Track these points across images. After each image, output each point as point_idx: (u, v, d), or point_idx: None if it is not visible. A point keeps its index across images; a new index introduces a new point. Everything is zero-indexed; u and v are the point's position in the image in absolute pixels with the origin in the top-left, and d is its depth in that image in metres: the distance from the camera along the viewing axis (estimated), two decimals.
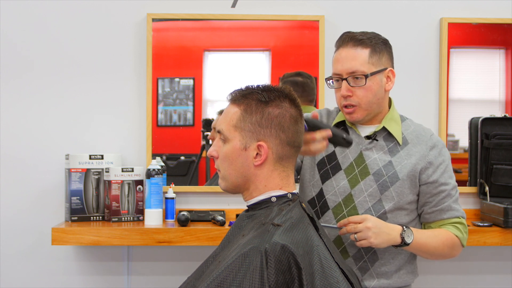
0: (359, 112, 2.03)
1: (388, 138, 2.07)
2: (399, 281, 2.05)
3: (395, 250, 2.04)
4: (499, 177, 2.88)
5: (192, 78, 3.05)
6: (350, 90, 2.00)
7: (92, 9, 2.91)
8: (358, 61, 1.98)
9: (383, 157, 2.04)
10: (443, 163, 2.06)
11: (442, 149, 2.07)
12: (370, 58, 1.99)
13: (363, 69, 1.98)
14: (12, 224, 2.90)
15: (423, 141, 2.06)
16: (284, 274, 1.50)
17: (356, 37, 2.01)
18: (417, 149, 2.05)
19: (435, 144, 2.06)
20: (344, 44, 2.02)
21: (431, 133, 2.10)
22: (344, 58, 2.00)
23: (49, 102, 2.91)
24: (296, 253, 1.51)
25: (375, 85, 2.00)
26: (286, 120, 1.67)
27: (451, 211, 2.06)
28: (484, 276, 3.00)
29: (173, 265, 2.95)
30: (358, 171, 2.04)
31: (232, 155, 1.67)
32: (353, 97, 2.00)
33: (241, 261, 1.51)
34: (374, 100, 2.02)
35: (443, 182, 2.05)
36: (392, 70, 2.05)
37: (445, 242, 2.02)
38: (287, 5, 2.95)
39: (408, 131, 2.09)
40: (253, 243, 1.53)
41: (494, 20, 2.97)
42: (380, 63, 2.01)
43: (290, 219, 1.62)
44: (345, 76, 2.00)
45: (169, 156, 2.99)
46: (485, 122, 2.91)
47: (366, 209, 2.01)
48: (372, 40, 2.01)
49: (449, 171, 2.07)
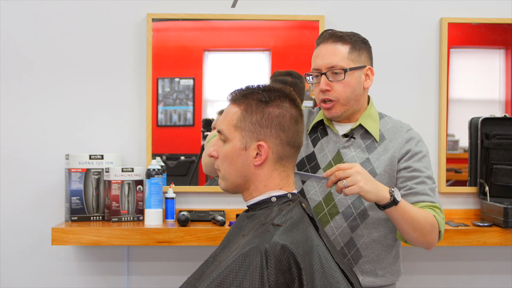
0: (337, 107, 2.04)
1: (366, 135, 2.08)
2: (384, 279, 2.05)
3: (378, 247, 2.03)
4: (499, 177, 2.88)
5: (192, 78, 3.05)
6: (329, 85, 2.02)
7: (92, 9, 2.91)
8: (338, 56, 2.01)
9: (360, 154, 2.05)
10: (419, 153, 2.04)
11: (419, 142, 2.06)
12: (349, 54, 2.02)
13: (342, 64, 2.01)
14: (12, 224, 2.90)
15: (400, 135, 2.07)
16: (284, 274, 1.50)
17: (336, 34, 2.05)
18: (393, 144, 2.05)
19: (411, 137, 2.06)
20: (325, 41, 2.05)
21: (408, 128, 2.10)
22: (324, 53, 2.03)
23: (49, 102, 2.91)
24: (296, 253, 1.51)
25: (353, 81, 2.02)
26: (286, 120, 1.67)
27: (426, 195, 1.99)
28: (484, 276, 3.00)
29: (173, 265, 2.95)
30: None
31: (232, 155, 1.67)
32: (331, 92, 2.02)
33: (241, 261, 1.50)
34: (352, 96, 2.03)
35: (417, 169, 2.02)
36: (371, 69, 2.07)
37: (427, 218, 1.93)
38: (287, 5, 2.95)
39: (386, 127, 2.10)
40: (253, 243, 1.53)
41: (494, 20, 2.97)
42: (359, 60, 2.04)
43: (290, 219, 1.62)
44: (324, 70, 2.02)
45: (169, 156, 2.99)
46: (485, 122, 2.91)
47: (346, 206, 2.02)
48: (352, 38, 2.05)
49: (425, 162, 2.04)
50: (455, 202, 2.98)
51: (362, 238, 2.02)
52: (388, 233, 2.06)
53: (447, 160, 2.95)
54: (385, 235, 2.05)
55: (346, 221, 2.01)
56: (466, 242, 2.66)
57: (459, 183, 3.00)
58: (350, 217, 2.01)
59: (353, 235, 2.02)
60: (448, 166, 2.97)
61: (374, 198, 1.82)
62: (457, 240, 2.65)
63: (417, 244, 1.97)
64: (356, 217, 2.01)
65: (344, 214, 2.02)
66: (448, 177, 2.97)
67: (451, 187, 2.98)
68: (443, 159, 2.94)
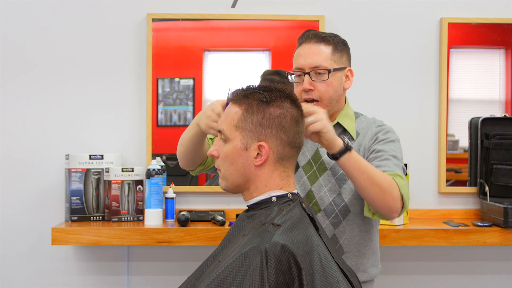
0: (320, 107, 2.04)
1: (343, 133, 2.09)
2: (365, 275, 2.07)
3: (360, 242, 2.05)
4: (499, 177, 2.88)
5: (192, 78, 3.05)
6: (312, 84, 2.03)
7: (92, 9, 2.91)
8: (321, 56, 2.03)
9: None
10: (386, 139, 2.04)
11: (388, 132, 2.07)
12: (332, 55, 2.04)
13: (325, 64, 2.02)
14: (12, 224, 2.90)
15: (370, 130, 2.09)
16: (284, 274, 1.50)
17: (319, 34, 2.06)
18: (365, 139, 2.08)
19: (380, 129, 2.08)
20: (308, 40, 2.06)
21: (380, 124, 2.12)
22: (307, 53, 2.04)
23: (49, 102, 2.91)
24: (296, 253, 1.51)
25: (335, 82, 2.04)
26: (287, 121, 1.67)
27: (387, 167, 1.94)
28: (484, 276, 3.00)
29: (173, 265, 2.95)
30: (316, 168, 2.08)
31: (232, 155, 1.67)
32: (314, 92, 2.03)
33: (241, 261, 1.50)
34: (334, 96, 2.05)
35: (381, 150, 2.00)
36: (351, 70, 2.10)
37: (384, 176, 1.86)
38: (287, 5, 2.95)
39: (361, 126, 2.12)
40: (253, 243, 1.53)
41: (494, 20, 2.97)
42: (341, 61, 2.06)
43: (290, 219, 1.62)
44: (308, 70, 2.03)
45: (169, 156, 2.99)
46: (485, 122, 2.91)
47: (327, 204, 2.04)
48: (334, 39, 2.07)
49: (391, 145, 2.01)
50: (455, 202, 2.98)
51: (344, 234, 2.04)
52: (369, 228, 2.08)
53: (447, 160, 2.95)
54: (366, 230, 2.07)
55: (328, 218, 2.04)
56: (466, 242, 2.66)
57: (459, 183, 3.00)
58: (331, 214, 2.04)
59: (336, 232, 2.04)
60: (448, 166, 2.97)
61: (330, 138, 1.81)
62: (457, 240, 2.65)
63: (378, 207, 1.88)
64: (338, 213, 2.04)
65: (326, 211, 2.04)
66: (448, 177, 2.97)
67: (451, 187, 2.98)
68: (443, 159, 2.94)
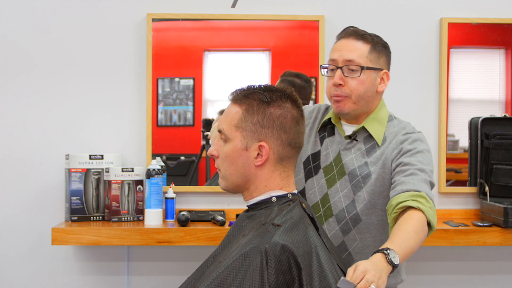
0: (348, 103, 2.00)
1: (369, 138, 2.04)
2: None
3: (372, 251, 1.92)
4: (499, 177, 2.88)
5: (192, 78, 3.05)
6: (343, 80, 1.99)
7: (92, 9, 2.90)
8: (357, 52, 1.99)
9: (359, 157, 2.02)
10: (413, 150, 1.95)
11: (415, 141, 1.98)
12: (369, 53, 2.00)
13: (360, 61, 1.98)
14: (12, 224, 2.90)
15: (397, 138, 2.01)
16: (284, 274, 1.50)
17: (358, 32, 2.03)
18: (390, 147, 2.00)
19: (407, 138, 1.99)
20: (346, 36, 2.03)
21: (410, 131, 2.02)
22: (344, 47, 2.01)
23: (49, 102, 2.91)
24: (296, 253, 1.51)
25: (368, 81, 1.99)
26: (287, 121, 1.67)
27: (412, 184, 1.83)
28: (484, 276, 3.00)
29: (173, 265, 2.95)
30: (336, 171, 2.03)
31: (233, 155, 1.67)
32: (344, 87, 1.99)
33: (241, 261, 1.51)
34: (364, 95, 2.00)
35: (408, 162, 1.91)
36: (387, 73, 2.05)
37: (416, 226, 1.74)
38: (287, 5, 2.95)
39: (390, 130, 2.04)
40: (253, 243, 1.53)
41: (494, 20, 2.96)
42: (378, 62, 2.02)
43: (290, 219, 1.62)
44: (341, 64, 1.99)
45: (169, 156, 2.99)
46: (485, 122, 2.91)
47: (340, 209, 2.00)
48: (374, 39, 2.03)
49: (419, 157, 1.92)
50: (455, 202, 2.98)
51: (355, 243, 2.00)
52: (384, 239, 1.98)
53: (447, 160, 2.95)
54: (381, 240, 2.00)
55: (338, 224, 2.00)
56: (466, 242, 2.66)
57: (459, 183, 3.00)
58: (342, 220, 2.00)
59: (345, 239, 2.00)
60: (448, 166, 2.96)
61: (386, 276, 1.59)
62: (457, 240, 2.65)
63: None
64: (348, 221, 1.99)
65: (337, 217, 2.00)
66: (448, 177, 2.97)
67: (451, 187, 2.98)
68: (443, 159, 2.94)
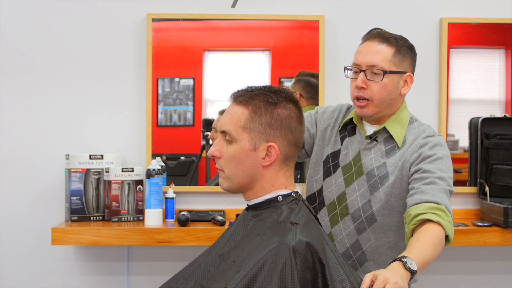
0: (370, 107, 2.01)
1: (389, 139, 2.04)
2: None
3: (387, 252, 2.00)
4: (499, 177, 2.88)
5: (192, 78, 3.05)
6: (365, 83, 1.99)
7: (92, 9, 2.91)
8: (380, 56, 1.98)
9: (378, 157, 2.02)
10: (432, 156, 1.95)
11: (435, 146, 1.98)
12: (393, 57, 1.99)
13: (383, 65, 1.98)
14: (12, 224, 2.90)
15: (417, 141, 2.01)
16: (310, 270, 1.53)
17: (384, 34, 2.02)
18: (409, 150, 2.00)
19: (427, 142, 1.99)
20: (371, 39, 2.02)
21: (430, 134, 2.03)
22: (367, 50, 2.00)
23: (49, 102, 2.91)
24: (318, 250, 1.55)
25: (391, 85, 1.99)
26: (294, 122, 1.69)
27: (430, 195, 1.85)
28: (484, 276, 3.00)
29: (173, 265, 2.95)
30: (355, 170, 2.04)
31: (240, 156, 1.68)
32: (366, 91, 1.99)
33: (271, 257, 1.52)
34: (387, 99, 2.00)
35: (427, 170, 1.91)
36: (411, 76, 2.04)
37: (434, 242, 1.77)
38: (287, 5, 2.95)
39: (411, 132, 2.05)
40: (277, 241, 1.55)
41: (494, 20, 2.97)
42: (402, 65, 2.01)
43: (303, 217, 1.65)
44: (364, 68, 1.99)
45: (169, 156, 2.99)
46: (485, 122, 2.91)
47: (356, 209, 2.00)
48: (399, 42, 2.01)
49: (438, 164, 1.93)
50: (455, 202, 2.98)
51: (369, 242, 2.00)
52: (399, 240, 2.01)
53: None
54: (395, 241, 2.01)
55: (354, 223, 2.01)
56: (466, 242, 2.66)
57: (459, 183, 3.00)
58: (358, 219, 2.00)
59: (359, 238, 2.00)
60: None
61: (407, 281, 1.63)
62: (457, 240, 2.65)
63: None
64: (364, 220, 2.00)
65: (353, 216, 2.01)
66: None
67: None
68: None
